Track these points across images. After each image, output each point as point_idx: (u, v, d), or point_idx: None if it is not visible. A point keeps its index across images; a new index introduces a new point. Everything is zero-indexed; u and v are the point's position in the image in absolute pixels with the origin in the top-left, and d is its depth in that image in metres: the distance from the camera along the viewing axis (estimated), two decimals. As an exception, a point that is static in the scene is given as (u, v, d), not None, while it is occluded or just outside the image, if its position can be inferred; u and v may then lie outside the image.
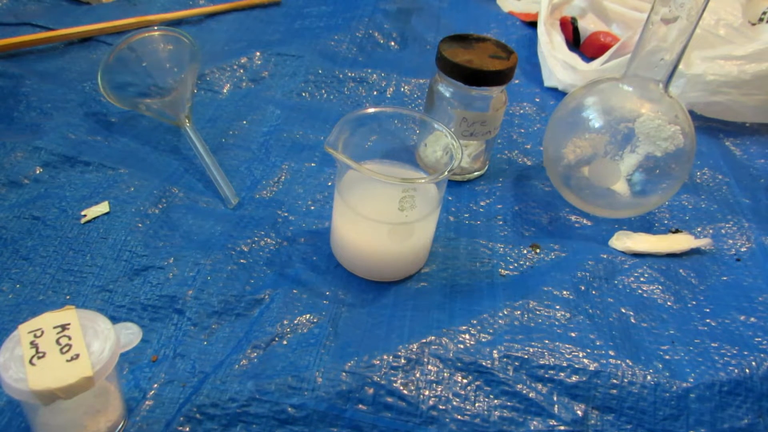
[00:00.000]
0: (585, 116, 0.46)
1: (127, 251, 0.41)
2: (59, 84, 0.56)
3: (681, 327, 0.39)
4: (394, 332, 0.37)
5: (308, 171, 0.50)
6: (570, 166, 0.47)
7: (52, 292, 0.38)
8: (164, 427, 0.32)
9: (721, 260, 0.45)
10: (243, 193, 0.47)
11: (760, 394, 0.35)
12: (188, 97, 0.52)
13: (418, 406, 0.33)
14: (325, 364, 0.34)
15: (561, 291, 0.40)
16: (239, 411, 0.32)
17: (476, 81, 0.45)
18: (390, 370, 0.34)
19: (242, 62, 0.62)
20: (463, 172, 0.51)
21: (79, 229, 0.42)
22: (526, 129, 0.59)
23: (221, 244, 0.42)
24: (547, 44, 0.68)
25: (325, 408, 0.33)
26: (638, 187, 0.45)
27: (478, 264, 0.43)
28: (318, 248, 0.43)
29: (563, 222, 0.48)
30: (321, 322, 0.38)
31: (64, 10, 0.69)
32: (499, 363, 0.35)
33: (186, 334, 0.37)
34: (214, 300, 0.38)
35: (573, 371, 0.35)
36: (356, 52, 0.68)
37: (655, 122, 0.43)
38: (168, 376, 0.34)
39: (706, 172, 0.55)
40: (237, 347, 0.36)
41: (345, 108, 0.60)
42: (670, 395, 0.35)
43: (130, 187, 0.46)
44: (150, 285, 0.39)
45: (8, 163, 0.46)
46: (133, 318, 0.37)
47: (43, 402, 0.25)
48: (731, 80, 0.57)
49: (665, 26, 0.40)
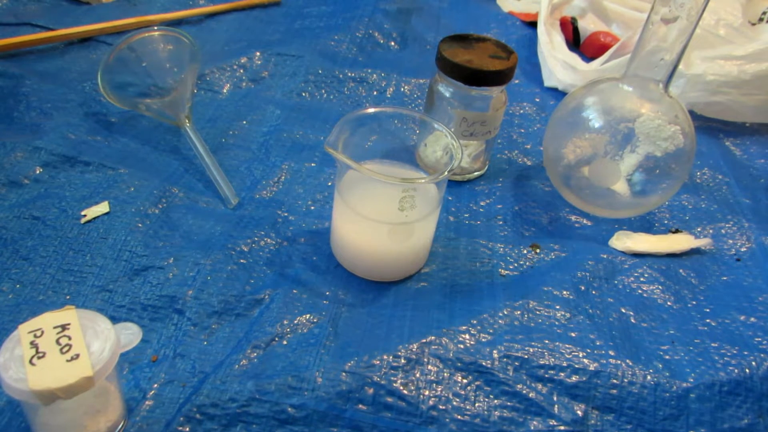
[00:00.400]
0: (585, 116, 0.46)
1: (127, 251, 0.41)
2: (59, 84, 0.56)
3: (681, 327, 0.39)
4: (394, 332, 0.37)
5: (308, 171, 0.50)
6: (570, 166, 0.47)
7: (52, 292, 0.38)
8: (164, 427, 0.32)
9: (721, 260, 0.45)
10: (243, 193, 0.47)
11: (760, 394, 0.35)
12: (188, 97, 0.52)
13: (418, 406, 0.33)
14: (325, 364, 0.34)
15: (561, 291, 0.40)
16: (239, 411, 0.32)
17: (476, 81, 0.45)
18: (390, 370, 0.34)
19: (242, 62, 0.62)
20: (463, 172, 0.51)
21: (79, 229, 0.42)
22: (526, 129, 0.59)
23: (221, 244, 0.42)
24: (547, 44, 0.68)
25: (325, 408, 0.33)
26: (638, 187, 0.45)
27: (478, 264, 0.43)
28: (318, 248, 0.43)
29: (563, 222, 0.48)
30: (321, 322, 0.38)
31: (64, 10, 0.69)
32: (499, 363, 0.35)
33: (186, 334, 0.37)
34: (214, 300, 0.38)
35: (573, 371, 0.35)
36: (356, 52, 0.68)
37: (655, 122, 0.43)
38: (168, 376, 0.34)
39: (706, 172, 0.55)
40: (237, 347, 0.36)
41: (345, 108, 0.60)
42: (670, 395, 0.35)
43: (130, 187, 0.46)
44: (150, 285, 0.39)
45: (8, 163, 0.46)
46: (133, 318, 0.37)
47: (43, 402, 0.25)
48: (731, 80, 0.57)
49: (665, 26, 0.40)
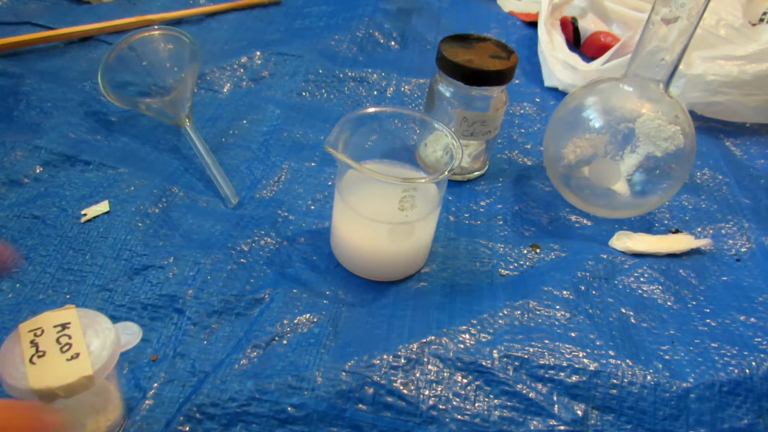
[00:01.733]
0: (585, 116, 0.46)
1: (127, 250, 0.41)
2: (59, 83, 0.56)
3: (681, 327, 0.39)
4: (394, 332, 0.37)
5: (308, 171, 0.50)
6: (570, 166, 0.47)
7: (52, 291, 0.38)
8: (164, 426, 0.32)
9: (721, 260, 0.45)
10: (243, 193, 0.47)
11: (760, 394, 0.35)
12: (188, 97, 0.52)
13: (418, 406, 0.33)
14: (325, 364, 0.34)
15: (561, 291, 0.40)
16: (239, 410, 0.32)
17: (476, 81, 0.45)
18: (390, 369, 0.34)
19: (242, 62, 0.62)
20: (463, 172, 0.51)
21: (79, 228, 0.42)
22: (526, 129, 0.59)
23: (221, 244, 0.42)
24: (548, 44, 0.68)
25: (325, 408, 0.33)
26: (638, 187, 0.45)
27: (478, 264, 0.43)
28: (318, 248, 0.43)
29: (563, 222, 0.48)
30: (321, 322, 0.38)
31: (64, 9, 0.69)
32: (499, 363, 0.35)
33: (186, 334, 0.37)
34: (214, 299, 0.38)
35: (573, 371, 0.35)
36: (356, 52, 0.68)
37: (656, 122, 0.43)
38: (168, 375, 0.34)
39: (706, 172, 0.55)
40: (237, 347, 0.36)
41: (345, 108, 0.60)
42: (670, 395, 0.35)
43: (130, 187, 0.46)
44: (150, 284, 0.39)
45: (8, 162, 0.46)
46: (133, 317, 0.37)
47: (43, 401, 0.25)
48: (731, 80, 0.57)
49: (666, 26, 0.40)
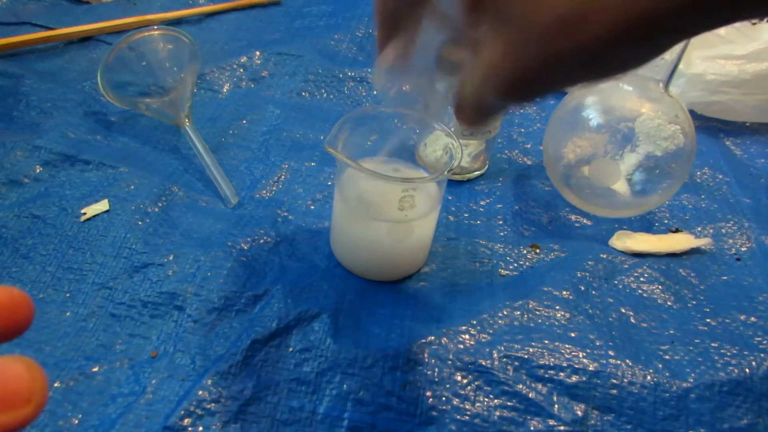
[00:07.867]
0: (585, 116, 0.46)
1: (126, 248, 0.41)
2: (59, 83, 0.56)
3: (681, 327, 0.39)
4: (394, 332, 0.37)
5: (308, 170, 0.50)
6: (570, 165, 0.47)
7: (53, 290, 0.38)
8: (163, 421, 0.32)
9: (721, 260, 0.45)
10: (243, 193, 0.47)
11: (760, 394, 0.35)
12: (188, 97, 0.52)
13: (417, 406, 0.33)
14: (324, 364, 0.34)
15: (561, 291, 0.40)
16: (239, 409, 0.32)
17: (476, 80, 0.45)
18: (389, 370, 0.34)
19: (242, 62, 0.62)
20: (463, 172, 0.51)
21: (78, 227, 0.42)
22: (526, 129, 0.59)
23: (221, 242, 0.42)
24: (548, 44, 0.68)
25: (325, 408, 0.33)
26: (638, 186, 0.45)
27: (478, 264, 0.43)
28: (318, 247, 0.43)
29: (563, 222, 0.48)
30: (321, 322, 0.37)
31: (63, 9, 0.69)
32: (499, 363, 0.35)
33: (186, 331, 0.37)
34: (214, 296, 0.38)
35: (573, 371, 0.35)
36: (356, 52, 0.68)
37: (656, 122, 0.43)
38: (168, 371, 0.34)
39: (706, 172, 0.55)
40: (236, 343, 0.36)
41: (345, 108, 0.60)
42: (670, 395, 0.35)
43: (130, 186, 0.46)
44: (150, 282, 0.39)
45: (8, 162, 0.46)
46: (134, 314, 0.37)
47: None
48: (731, 80, 0.57)
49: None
